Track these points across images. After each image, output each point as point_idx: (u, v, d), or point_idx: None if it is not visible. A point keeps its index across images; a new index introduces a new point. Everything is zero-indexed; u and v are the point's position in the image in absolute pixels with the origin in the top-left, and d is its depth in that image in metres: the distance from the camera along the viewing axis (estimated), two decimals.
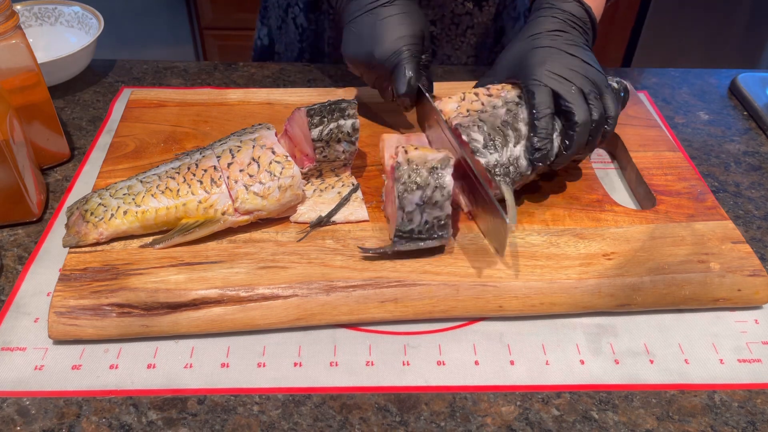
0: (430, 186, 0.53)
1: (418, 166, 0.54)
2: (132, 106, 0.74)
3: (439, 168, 0.54)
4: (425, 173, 0.53)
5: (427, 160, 0.54)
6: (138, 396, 0.48)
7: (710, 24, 1.85)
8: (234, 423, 0.47)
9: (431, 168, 0.54)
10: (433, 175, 0.53)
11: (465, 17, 0.87)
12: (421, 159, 0.54)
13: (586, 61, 0.59)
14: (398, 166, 0.54)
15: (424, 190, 0.53)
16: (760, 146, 0.77)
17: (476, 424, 0.48)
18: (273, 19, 0.95)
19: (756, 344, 0.54)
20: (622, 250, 0.57)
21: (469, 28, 0.89)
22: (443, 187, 0.53)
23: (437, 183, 0.53)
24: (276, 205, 0.57)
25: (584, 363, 0.52)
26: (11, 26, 0.60)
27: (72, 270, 0.54)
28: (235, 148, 0.58)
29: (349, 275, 0.54)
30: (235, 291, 0.52)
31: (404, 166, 0.54)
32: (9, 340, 0.52)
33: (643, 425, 0.48)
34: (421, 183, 0.53)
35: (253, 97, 0.76)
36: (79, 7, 0.87)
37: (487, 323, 0.55)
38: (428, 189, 0.53)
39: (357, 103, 0.60)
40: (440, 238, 0.55)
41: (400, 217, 0.54)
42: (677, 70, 0.91)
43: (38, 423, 0.47)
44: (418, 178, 0.53)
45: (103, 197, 0.57)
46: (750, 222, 0.66)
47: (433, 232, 0.54)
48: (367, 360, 0.52)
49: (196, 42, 2.05)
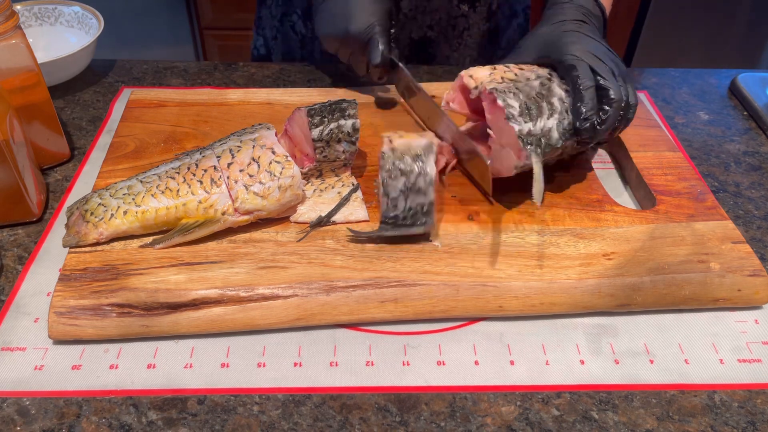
0: (414, 173, 0.55)
1: (402, 154, 0.56)
2: (132, 106, 0.74)
3: (422, 155, 0.56)
4: (409, 160, 0.55)
5: (411, 147, 0.56)
6: (138, 396, 0.48)
7: (710, 24, 1.85)
8: (234, 423, 0.47)
9: (415, 155, 0.56)
10: (416, 162, 0.55)
11: (461, 19, 0.89)
12: (405, 147, 0.56)
13: (611, 50, 0.61)
14: (383, 154, 0.56)
15: (407, 176, 0.55)
16: (760, 146, 0.77)
17: (476, 424, 0.48)
18: (268, 29, 0.96)
19: (756, 344, 0.54)
20: (622, 250, 0.57)
21: (466, 29, 0.90)
22: (426, 174, 0.55)
23: (420, 169, 0.55)
24: (276, 205, 0.57)
25: (584, 363, 0.52)
26: (11, 26, 0.60)
27: (72, 270, 0.54)
28: (235, 148, 0.58)
29: (349, 275, 0.54)
30: (235, 291, 0.52)
31: (389, 155, 0.56)
32: (9, 340, 0.52)
33: (643, 425, 0.48)
34: (405, 170, 0.55)
35: (253, 97, 0.76)
36: (79, 7, 0.87)
37: (487, 323, 0.55)
38: (412, 175, 0.55)
39: (357, 103, 0.61)
40: (424, 225, 0.56)
41: (384, 204, 0.56)
42: (677, 70, 0.91)
43: (38, 423, 0.47)
44: (402, 164, 0.55)
45: (103, 197, 0.57)
46: (750, 222, 0.66)
47: (417, 218, 0.56)
48: (367, 360, 0.52)
49: (196, 42, 2.05)
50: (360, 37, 0.69)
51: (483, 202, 0.62)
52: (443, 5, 0.86)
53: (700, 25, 1.85)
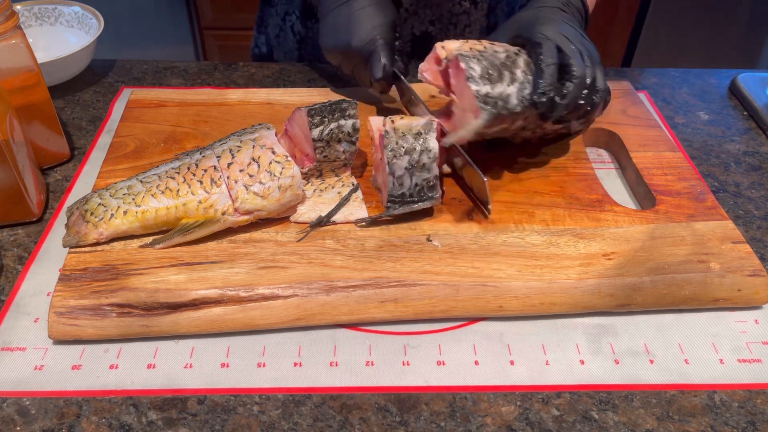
0: (417, 150, 0.57)
1: (404, 133, 0.57)
2: (132, 106, 0.74)
3: (423, 132, 0.57)
4: (411, 139, 0.57)
5: (412, 127, 0.58)
6: (138, 396, 0.48)
7: (710, 24, 1.85)
8: (234, 423, 0.47)
9: (416, 133, 0.57)
10: (418, 140, 0.57)
11: (462, 16, 0.89)
12: (406, 126, 0.58)
13: (585, 37, 0.63)
14: (386, 134, 0.57)
15: (411, 154, 0.57)
16: (760, 146, 0.77)
17: (476, 424, 0.48)
18: (271, 27, 0.96)
19: (756, 344, 0.54)
20: (622, 250, 0.57)
21: (467, 26, 0.90)
22: (429, 149, 0.57)
23: (423, 146, 0.57)
24: (276, 205, 0.57)
25: (584, 363, 0.52)
26: (11, 26, 0.60)
27: (72, 270, 0.54)
28: (235, 148, 0.58)
29: (349, 275, 0.54)
30: (235, 291, 0.52)
31: (391, 134, 0.57)
32: (9, 340, 0.52)
33: (643, 425, 0.48)
34: (409, 148, 0.57)
35: (253, 97, 0.76)
36: (79, 7, 0.87)
37: (487, 323, 0.55)
38: (415, 153, 0.57)
39: (357, 103, 0.61)
40: (431, 199, 0.58)
41: (391, 183, 0.57)
42: (677, 70, 0.91)
43: (38, 423, 0.47)
44: (405, 143, 0.57)
45: (103, 197, 0.57)
46: (750, 222, 0.66)
47: (424, 194, 0.57)
48: (367, 360, 0.52)
49: (196, 42, 2.05)
50: (362, 51, 0.69)
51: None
52: (444, 1, 0.86)
53: (700, 25, 1.85)
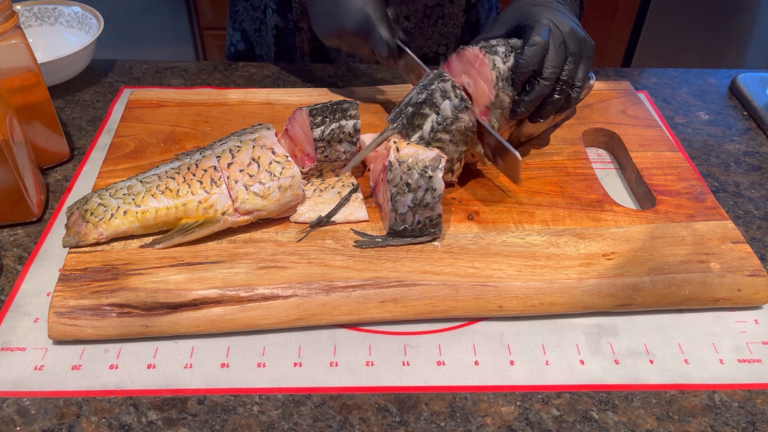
0: (422, 188, 0.54)
1: (410, 168, 0.54)
2: (132, 106, 0.74)
3: (429, 169, 0.54)
4: (416, 175, 0.54)
5: (419, 160, 0.54)
6: (138, 396, 0.48)
7: (710, 24, 1.85)
8: (234, 423, 0.47)
9: (423, 168, 0.54)
10: (424, 177, 0.54)
11: (436, 9, 0.90)
12: (413, 159, 0.55)
13: (579, 25, 0.63)
14: (390, 166, 0.55)
15: (415, 193, 0.54)
16: (760, 146, 0.77)
17: (476, 425, 0.48)
18: (248, 22, 0.95)
19: (756, 344, 0.54)
20: (622, 250, 0.57)
21: (440, 18, 0.91)
22: (434, 189, 0.54)
23: (428, 185, 0.54)
24: (276, 205, 0.57)
25: (584, 363, 0.52)
26: (11, 26, 0.60)
27: (72, 270, 0.54)
28: (235, 148, 0.58)
29: (349, 275, 0.54)
30: (235, 291, 0.52)
31: (396, 167, 0.54)
32: (9, 340, 0.52)
33: (643, 425, 0.48)
34: (413, 185, 0.54)
35: (253, 97, 0.76)
36: (79, 7, 0.87)
37: (487, 323, 0.55)
38: (420, 191, 0.54)
39: (359, 104, 0.61)
40: (432, 235, 0.57)
41: (392, 218, 0.56)
42: (677, 70, 0.91)
43: (38, 423, 0.47)
44: (409, 180, 0.54)
45: (103, 197, 0.57)
46: (750, 222, 0.66)
47: (425, 230, 0.56)
48: (367, 360, 0.52)
49: (196, 42, 2.05)
50: (358, 31, 0.67)
51: (483, 201, 0.62)
52: None
53: (700, 25, 1.85)
